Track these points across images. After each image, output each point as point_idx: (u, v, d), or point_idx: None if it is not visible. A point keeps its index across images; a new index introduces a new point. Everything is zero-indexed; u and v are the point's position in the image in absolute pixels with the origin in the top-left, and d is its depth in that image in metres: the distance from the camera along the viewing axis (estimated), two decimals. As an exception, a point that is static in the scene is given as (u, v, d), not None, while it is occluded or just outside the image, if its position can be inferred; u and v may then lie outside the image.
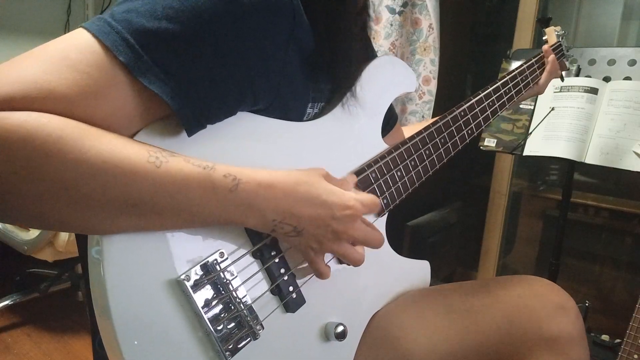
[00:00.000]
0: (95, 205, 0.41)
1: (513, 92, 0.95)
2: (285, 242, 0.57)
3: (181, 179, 0.45)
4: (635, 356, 1.10)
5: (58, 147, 0.39)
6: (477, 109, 0.85)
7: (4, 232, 1.56)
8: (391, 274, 0.75)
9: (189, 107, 0.46)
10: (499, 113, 0.91)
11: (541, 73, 1.03)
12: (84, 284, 0.77)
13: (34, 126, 0.38)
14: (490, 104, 0.88)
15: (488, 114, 0.88)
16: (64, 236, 1.45)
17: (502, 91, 0.91)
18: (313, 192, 0.53)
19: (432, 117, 1.75)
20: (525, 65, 0.99)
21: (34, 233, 1.51)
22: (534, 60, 1.02)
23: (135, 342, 0.45)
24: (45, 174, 0.39)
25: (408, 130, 0.98)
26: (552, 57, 1.03)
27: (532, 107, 1.42)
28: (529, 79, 0.99)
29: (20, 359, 1.56)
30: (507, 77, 0.93)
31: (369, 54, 0.77)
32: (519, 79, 0.96)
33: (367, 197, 0.58)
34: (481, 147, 1.47)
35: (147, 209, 0.44)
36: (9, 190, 0.38)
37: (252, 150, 0.56)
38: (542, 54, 1.04)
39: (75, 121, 0.41)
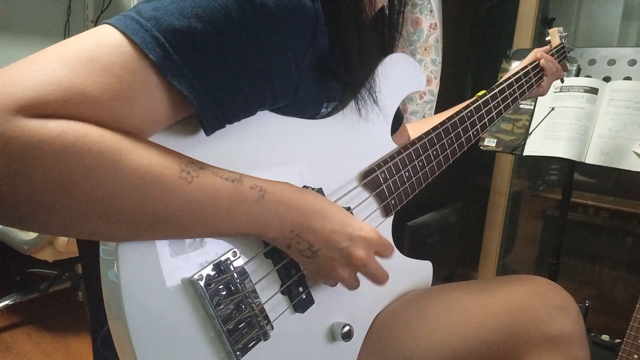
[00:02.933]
0: (127, 220, 0.41)
1: (517, 93, 0.95)
2: (300, 263, 0.57)
3: (211, 195, 0.45)
4: (635, 356, 1.10)
5: (97, 161, 0.38)
6: (483, 110, 0.85)
7: (4, 232, 1.56)
8: (395, 274, 0.74)
9: (211, 108, 0.46)
10: (503, 114, 0.91)
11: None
12: (84, 284, 0.77)
13: (71, 139, 0.37)
14: (496, 105, 0.88)
15: (493, 115, 0.88)
16: (64, 236, 1.45)
17: (507, 92, 0.92)
18: (331, 210, 0.54)
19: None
20: (530, 67, 0.99)
21: (34, 233, 1.51)
22: (534, 64, 1.01)
23: (148, 342, 0.45)
24: (81, 188, 0.38)
25: (412, 127, 0.98)
26: (543, 61, 1.00)
27: (532, 107, 1.43)
28: (533, 80, 0.99)
29: (21, 359, 1.56)
30: (513, 79, 0.94)
31: (385, 52, 0.77)
32: (523, 80, 0.96)
33: (384, 237, 0.58)
34: (481, 147, 1.47)
35: (177, 223, 0.44)
36: (42, 204, 0.37)
37: (266, 147, 0.56)
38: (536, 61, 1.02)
39: (111, 132, 0.40)
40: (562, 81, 1.28)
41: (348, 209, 0.63)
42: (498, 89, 0.90)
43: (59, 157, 0.37)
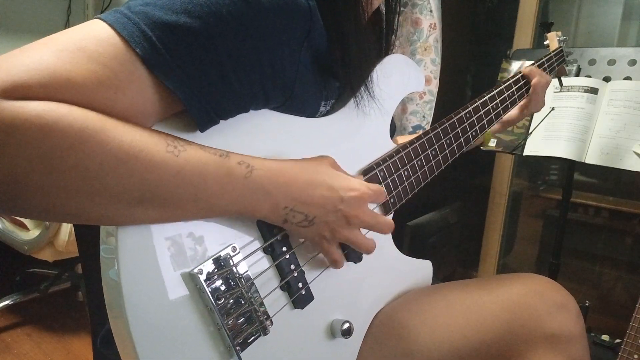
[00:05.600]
0: (114, 196, 0.41)
1: (516, 95, 0.95)
2: (299, 234, 0.57)
3: (199, 167, 0.45)
4: (635, 356, 1.10)
5: (80, 138, 0.38)
6: (482, 111, 0.85)
7: (4, 232, 1.56)
8: (395, 273, 0.75)
9: (201, 103, 0.46)
10: (502, 116, 0.92)
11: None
12: (84, 284, 0.77)
13: (53, 117, 0.37)
14: (495, 106, 0.89)
15: (492, 116, 0.88)
16: (64, 236, 1.45)
17: (506, 94, 0.92)
18: (319, 177, 0.54)
19: (433, 117, 1.75)
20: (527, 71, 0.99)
21: (34, 233, 1.51)
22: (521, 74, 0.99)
23: (149, 339, 0.45)
24: (65, 166, 0.38)
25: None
26: (536, 79, 0.96)
27: (532, 107, 1.43)
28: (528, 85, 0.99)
29: (20, 359, 1.56)
30: (511, 81, 0.94)
31: (381, 51, 0.77)
32: (522, 82, 0.97)
33: (373, 184, 0.59)
34: (481, 147, 1.47)
35: (166, 198, 0.44)
36: (25, 183, 0.37)
37: (264, 145, 0.56)
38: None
39: (95, 112, 0.40)
40: (561, 84, 1.29)
41: None
42: (497, 89, 0.90)
43: (42, 135, 0.37)
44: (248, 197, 0.49)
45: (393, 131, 0.89)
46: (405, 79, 0.77)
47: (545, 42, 1.15)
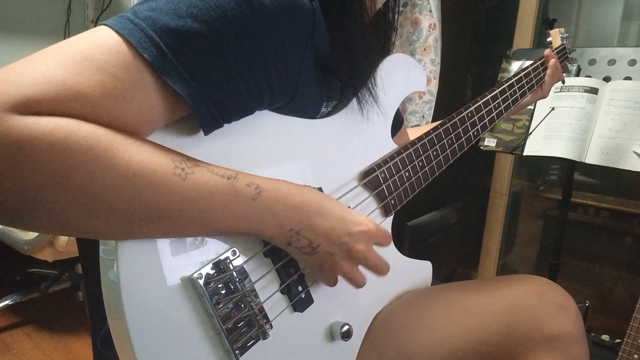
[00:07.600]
0: (120, 215, 0.41)
1: (518, 94, 0.95)
2: (300, 260, 0.57)
3: (206, 191, 0.45)
4: (635, 356, 1.10)
5: (88, 157, 0.38)
6: (483, 111, 0.85)
7: (4, 232, 1.56)
8: (395, 274, 0.74)
9: (208, 107, 0.46)
10: (503, 115, 0.91)
11: (545, 76, 1.03)
12: (84, 284, 0.77)
13: (63, 134, 0.37)
14: (497, 105, 0.89)
15: (494, 115, 0.88)
16: (64, 236, 1.45)
17: (508, 93, 0.92)
18: (329, 207, 0.54)
19: (433, 117, 1.75)
20: (530, 68, 0.99)
21: (34, 233, 1.51)
22: (539, 62, 1.02)
23: (148, 341, 0.45)
24: (73, 184, 0.38)
25: (413, 133, 0.98)
26: (553, 61, 1.03)
27: (532, 107, 1.43)
28: (534, 81, 0.99)
29: (20, 359, 1.56)
30: (513, 80, 0.94)
31: (383, 51, 0.77)
32: (524, 81, 0.97)
33: (381, 226, 0.59)
34: (481, 147, 1.47)
35: (172, 220, 0.44)
36: (33, 199, 0.37)
37: (266, 146, 0.56)
38: (544, 58, 1.03)
39: (104, 129, 0.40)
40: (564, 82, 1.29)
41: None
42: (499, 89, 0.90)
43: (51, 153, 0.37)
44: (254, 219, 0.49)
45: (400, 125, 0.89)
46: (406, 78, 0.77)
47: (547, 39, 1.14)
